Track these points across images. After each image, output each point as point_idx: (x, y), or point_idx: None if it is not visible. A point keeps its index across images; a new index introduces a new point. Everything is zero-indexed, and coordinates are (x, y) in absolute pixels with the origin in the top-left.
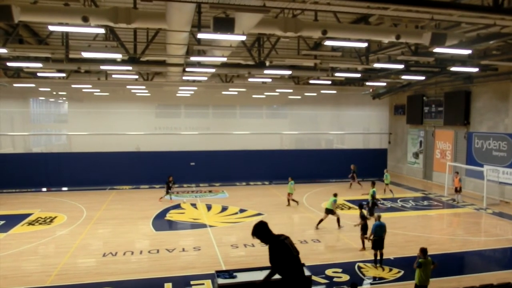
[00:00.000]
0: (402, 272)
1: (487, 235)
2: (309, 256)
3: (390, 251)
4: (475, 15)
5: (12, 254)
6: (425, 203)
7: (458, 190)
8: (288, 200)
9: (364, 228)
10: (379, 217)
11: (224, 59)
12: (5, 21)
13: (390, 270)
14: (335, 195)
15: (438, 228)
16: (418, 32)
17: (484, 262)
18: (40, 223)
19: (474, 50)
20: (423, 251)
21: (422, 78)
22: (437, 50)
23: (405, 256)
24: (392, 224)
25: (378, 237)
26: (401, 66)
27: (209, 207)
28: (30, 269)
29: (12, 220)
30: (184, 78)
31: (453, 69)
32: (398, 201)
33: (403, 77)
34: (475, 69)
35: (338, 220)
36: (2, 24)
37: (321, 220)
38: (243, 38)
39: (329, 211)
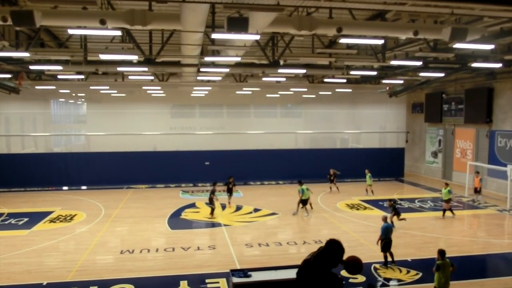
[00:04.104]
0: (420, 274)
1: (511, 237)
2: None
3: (407, 253)
4: (498, 8)
5: (35, 250)
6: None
7: (478, 191)
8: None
9: None
10: (386, 218)
11: (238, 59)
12: (27, 26)
13: (408, 272)
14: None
15: (458, 229)
16: (437, 27)
17: (508, 265)
18: (61, 221)
19: (497, 45)
20: (441, 252)
21: (441, 75)
22: (457, 45)
23: (423, 257)
24: (410, 225)
25: (388, 239)
26: (419, 63)
27: (223, 206)
28: (52, 265)
29: (35, 218)
30: (199, 78)
31: (475, 65)
32: (416, 201)
33: (421, 74)
34: (498, 65)
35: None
36: (25, 29)
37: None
38: (257, 37)
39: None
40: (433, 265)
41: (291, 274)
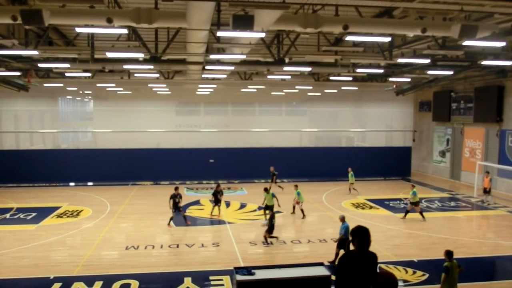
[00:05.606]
0: (427, 275)
1: None
2: (330, 255)
3: (413, 253)
4: (510, 4)
5: (42, 245)
6: (452, 204)
7: (487, 191)
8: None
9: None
10: (344, 218)
11: (243, 57)
12: (36, 25)
13: (414, 272)
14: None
15: (467, 230)
16: (446, 24)
17: None
18: (68, 216)
19: (508, 42)
20: (449, 253)
21: (450, 73)
22: (467, 43)
23: (430, 258)
24: (417, 225)
25: (347, 238)
26: (427, 61)
27: (228, 204)
28: (59, 259)
29: (43, 212)
30: (204, 76)
31: (485, 62)
32: (423, 201)
33: (429, 72)
34: (510, 63)
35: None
36: (34, 28)
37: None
38: (262, 35)
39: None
40: (440, 266)
41: (295, 272)
